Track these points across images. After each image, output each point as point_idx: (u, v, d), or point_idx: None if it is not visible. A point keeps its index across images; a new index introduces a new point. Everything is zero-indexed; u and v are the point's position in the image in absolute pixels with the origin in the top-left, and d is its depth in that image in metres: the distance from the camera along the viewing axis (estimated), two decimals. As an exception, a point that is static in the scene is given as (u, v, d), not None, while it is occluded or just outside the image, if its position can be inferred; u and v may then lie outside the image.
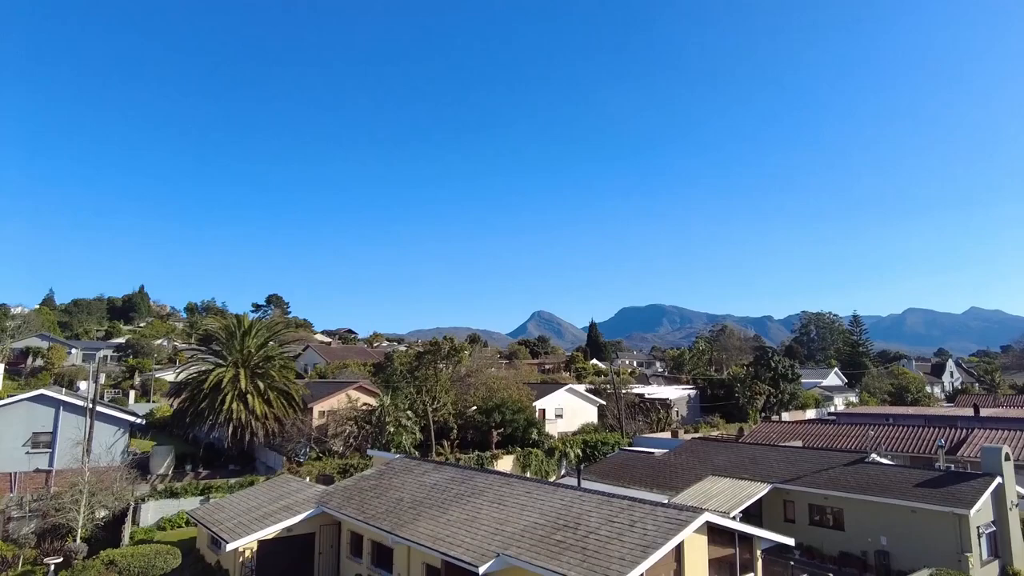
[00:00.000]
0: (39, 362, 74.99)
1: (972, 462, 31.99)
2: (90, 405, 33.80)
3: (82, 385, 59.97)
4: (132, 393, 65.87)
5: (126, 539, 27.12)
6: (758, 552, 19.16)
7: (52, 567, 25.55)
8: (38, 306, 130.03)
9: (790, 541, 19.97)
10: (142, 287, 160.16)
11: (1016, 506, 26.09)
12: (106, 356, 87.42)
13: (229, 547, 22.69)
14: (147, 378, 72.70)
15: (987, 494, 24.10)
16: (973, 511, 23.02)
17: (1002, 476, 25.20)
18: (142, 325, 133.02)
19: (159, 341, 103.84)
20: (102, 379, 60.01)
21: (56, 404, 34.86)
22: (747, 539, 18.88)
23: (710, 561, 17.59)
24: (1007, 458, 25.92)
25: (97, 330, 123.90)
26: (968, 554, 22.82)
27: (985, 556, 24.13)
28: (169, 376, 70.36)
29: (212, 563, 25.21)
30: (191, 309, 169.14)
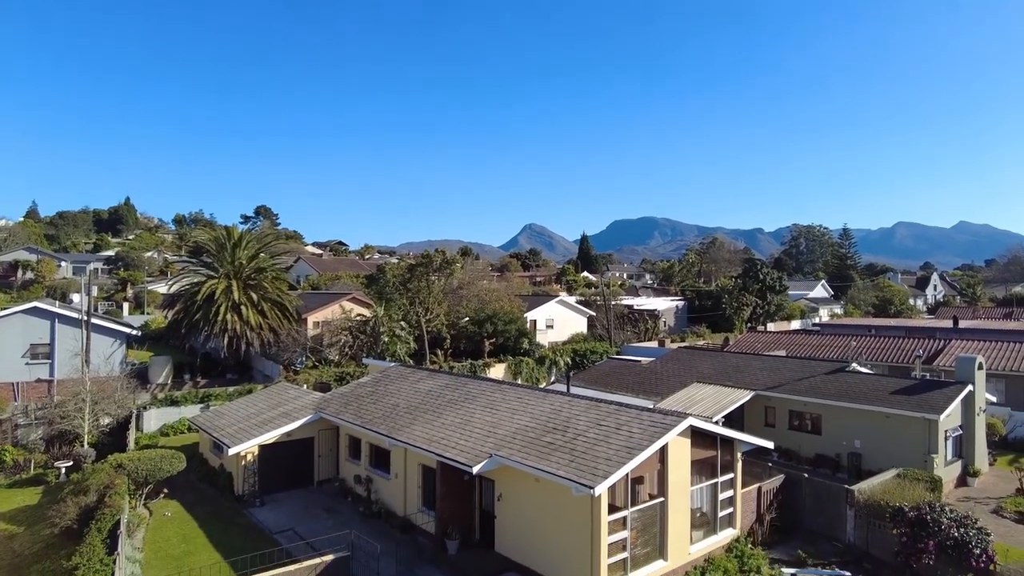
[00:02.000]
0: (29, 275, 74.69)
1: (947, 371, 33.15)
2: (85, 317, 34.03)
3: (75, 298, 60.15)
4: (126, 305, 66.19)
5: (131, 444, 28.09)
6: (738, 454, 20.15)
7: (63, 470, 26.63)
8: (22, 219, 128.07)
9: (769, 444, 20.97)
10: (127, 199, 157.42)
11: (983, 411, 27.34)
12: (96, 269, 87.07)
13: (231, 451, 23.62)
14: (140, 290, 72.83)
15: (957, 401, 25.17)
16: (943, 416, 24.11)
17: (973, 384, 26.22)
18: (130, 238, 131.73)
19: (149, 253, 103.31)
20: (94, 292, 60.04)
21: (51, 316, 35.07)
22: (728, 442, 19.81)
23: (692, 462, 18.52)
24: (980, 367, 26.88)
25: (85, 243, 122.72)
26: (934, 455, 24.13)
27: (950, 457, 25.53)
28: (161, 288, 70.46)
29: (216, 466, 26.31)
30: (179, 221, 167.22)
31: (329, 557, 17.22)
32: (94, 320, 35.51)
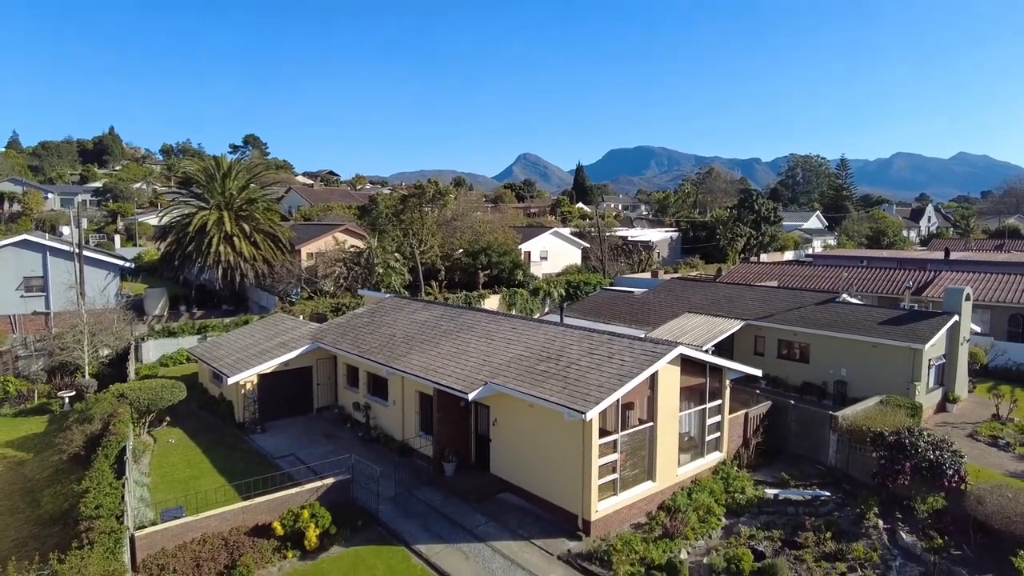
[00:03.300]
0: (16, 207, 73.71)
1: (935, 302, 33.62)
2: (77, 250, 33.84)
3: (65, 230, 59.54)
4: (117, 238, 65.71)
5: (132, 374, 28.53)
6: (727, 382, 20.69)
7: (67, 400, 27.15)
8: (4, 149, 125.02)
9: (758, 372, 21.50)
10: (112, 128, 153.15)
11: (967, 341, 27.96)
12: (85, 201, 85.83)
13: (230, 381, 24.05)
14: (130, 222, 72.16)
15: (943, 331, 25.65)
16: (927, 346, 24.65)
17: (960, 315, 26.68)
18: (117, 168, 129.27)
19: (137, 185, 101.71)
20: (84, 224, 59.38)
21: (43, 249, 34.87)
22: (717, 370, 20.30)
23: (682, 389, 19.03)
24: (967, 298, 27.28)
25: (71, 174, 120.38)
26: (916, 383, 24.83)
27: (931, 385, 26.28)
28: (152, 220, 69.85)
29: (216, 395, 26.86)
30: (167, 151, 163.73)
31: (330, 480, 17.89)
32: (86, 253, 35.33)
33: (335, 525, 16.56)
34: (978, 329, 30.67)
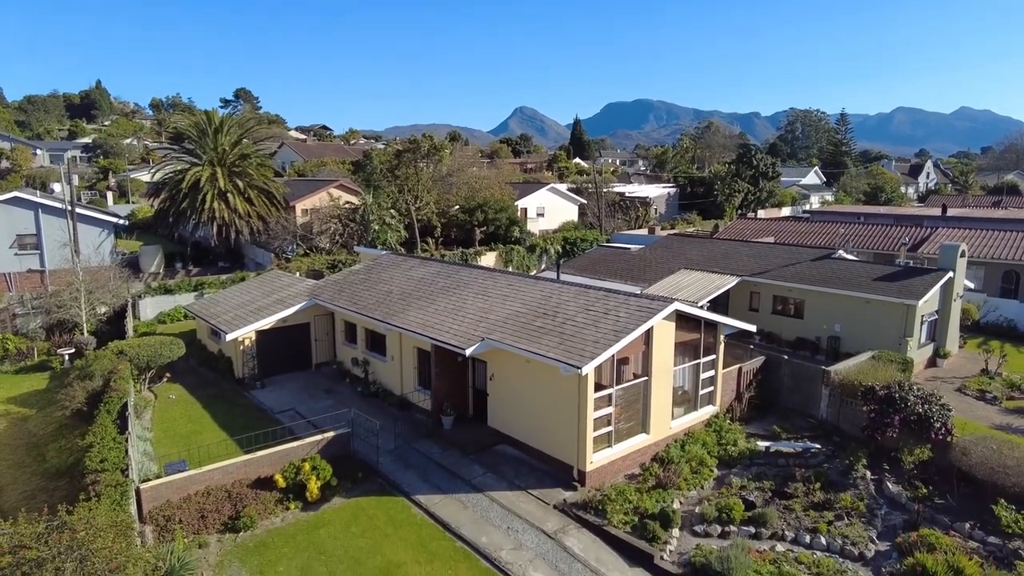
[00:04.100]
0: (4, 164, 72.60)
1: (931, 259, 33.76)
2: (69, 207, 33.52)
3: (56, 187, 58.81)
4: (110, 195, 65.02)
5: (130, 332, 28.65)
6: (721, 337, 20.92)
7: (66, 357, 27.33)
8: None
9: (752, 328, 21.70)
10: (99, 82, 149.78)
11: (960, 297, 28.18)
12: (75, 157, 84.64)
13: (229, 337, 24.20)
14: (122, 179, 71.28)
15: (936, 288, 25.81)
16: (921, 302, 24.85)
17: (954, 271, 26.81)
18: (106, 124, 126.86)
19: (128, 140, 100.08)
20: (75, 180, 58.74)
21: (34, 207, 34.51)
22: (712, 325, 20.49)
23: (676, 344, 19.24)
24: (962, 255, 27.36)
25: (59, 130, 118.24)
26: (908, 338, 25.13)
27: (923, 340, 26.60)
28: (144, 177, 68.98)
29: (215, 352, 27.06)
30: (156, 106, 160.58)
31: (330, 434, 18.20)
32: (79, 210, 35.01)
33: (336, 477, 16.94)
34: (971, 285, 30.92)
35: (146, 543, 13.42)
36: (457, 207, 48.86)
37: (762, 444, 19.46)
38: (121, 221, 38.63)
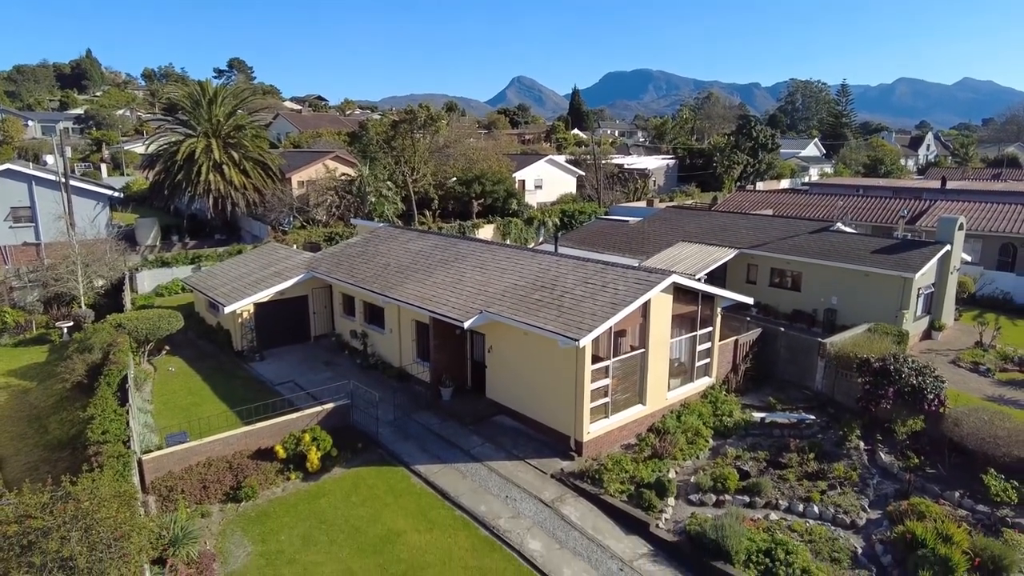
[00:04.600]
0: (-4, 134, 71.64)
1: (929, 231, 33.71)
2: (62, 179, 33.21)
3: (49, 159, 58.26)
4: (104, 167, 64.42)
5: (128, 305, 28.65)
6: (718, 309, 20.99)
7: (65, 330, 27.38)
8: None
9: (749, 300, 21.77)
10: (89, 52, 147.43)
11: (957, 270, 28.24)
12: (67, 128, 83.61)
13: (227, 310, 24.22)
14: (116, 151, 70.56)
15: (934, 261, 25.83)
16: (918, 275, 24.90)
17: (952, 244, 26.80)
18: (98, 95, 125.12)
19: (121, 111, 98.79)
20: (68, 152, 58.15)
21: (28, 179, 34.17)
22: (709, 298, 20.55)
23: (674, 316, 19.32)
24: (960, 228, 27.33)
25: (50, 100, 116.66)
26: (904, 311, 25.26)
27: (919, 313, 26.74)
28: (138, 148, 68.29)
29: (213, 324, 27.11)
30: (149, 76, 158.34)
31: (330, 405, 18.35)
32: (73, 182, 34.71)
33: (336, 448, 17.13)
34: (968, 258, 30.96)
35: (149, 513, 13.61)
36: (454, 179, 48.55)
37: (757, 415, 19.68)
38: (116, 194, 38.30)
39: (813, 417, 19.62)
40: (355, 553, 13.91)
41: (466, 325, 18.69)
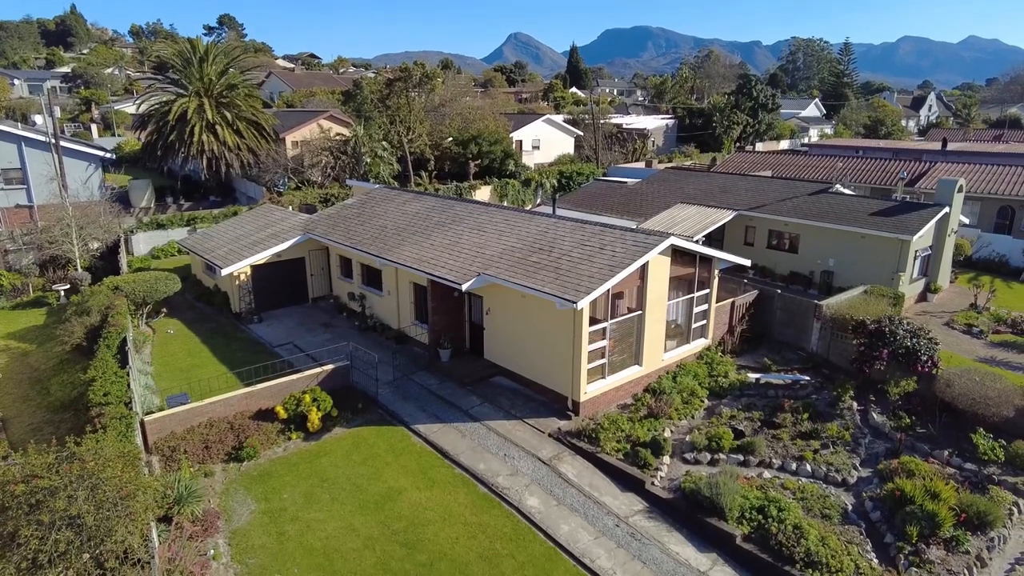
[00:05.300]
0: (-18, 93, 70.14)
1: (928, 193, 33.57)
2: (52, 140, 32.68)
3: (37, 119, 57.17)
4: (94, 127, 63.27)
5: (124, 267, 28.55)
6: (716, 271, 21.03)
7: (62, 293, 27.32)
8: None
9: (746, 262, 21.80)
10: (74, 7, 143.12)
11: (955, 232, 28.21)
12: (55, 87, 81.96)
13: (224, 272, 24.17)
14: (106, 110, 69.26)
15: (931, 223, 25.76)
16: (915, 237, 24.88)
17: (950, 207, 26.71)
18: (85, 52, 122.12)
19: (109, 70, 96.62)
20: (57, 112, 57.06)
21: (17, 140, 33.58)
22: (707, 260, 20.56)
23: (671, 278, 19.36)
24: (960, 190, 27.17)
25: (36, 58, 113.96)
26: (901, 273, 25.33)
27: (915, 275, 26.82)
28: (129, 108, 67.10)
29: (210, 287, 27.08)
30: (136, 33, 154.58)
31: (330, 366, 18.49)
32: (64, 143, 34.16)
33: (336, 408, 17.33)
34: (966, 221, 30.89)
35: (153, 472, 13.83)
36: (451, 139, 47.95)
37: (752, 376, 19.90)
38: (108, 155, 37.74)
39: (808, 378, 19.86)
40: (357, 510, 14.21)
41: (464, 287, 18.72)
